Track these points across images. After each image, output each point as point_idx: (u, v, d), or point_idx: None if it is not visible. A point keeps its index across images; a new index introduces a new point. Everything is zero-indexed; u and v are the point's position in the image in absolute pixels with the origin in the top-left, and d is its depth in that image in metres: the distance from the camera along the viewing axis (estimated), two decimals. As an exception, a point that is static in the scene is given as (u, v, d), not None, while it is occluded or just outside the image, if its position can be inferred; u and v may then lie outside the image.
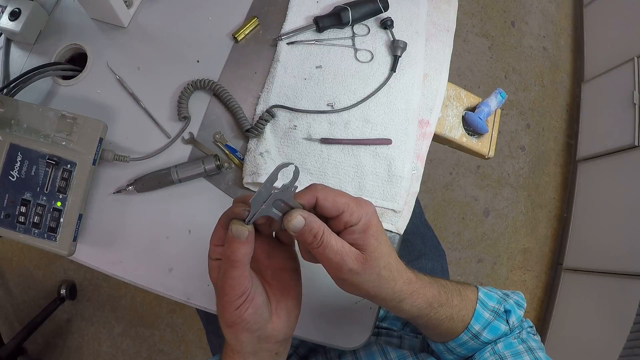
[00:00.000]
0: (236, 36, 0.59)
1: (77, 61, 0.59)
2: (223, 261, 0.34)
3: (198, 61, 0.59)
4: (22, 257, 1.37)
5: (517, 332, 0.48)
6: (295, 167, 0.34)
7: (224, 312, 0.34)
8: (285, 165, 0.33)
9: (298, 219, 0.33)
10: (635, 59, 1.29)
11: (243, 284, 0.33)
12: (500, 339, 0.47)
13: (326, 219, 0.35)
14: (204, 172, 0.53)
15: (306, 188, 0.35)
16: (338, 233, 0.35)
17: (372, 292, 0.36)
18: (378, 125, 0.57)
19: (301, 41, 0.60)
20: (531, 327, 0.50)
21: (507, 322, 0.47)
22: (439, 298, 0.41)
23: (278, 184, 0.34)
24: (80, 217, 0.51)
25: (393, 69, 0.59)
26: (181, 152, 0.56)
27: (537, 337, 0.49)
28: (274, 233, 0.39)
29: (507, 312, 0.47)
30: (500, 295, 0.49)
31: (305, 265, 0.55)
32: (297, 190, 0.35)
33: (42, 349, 1.33)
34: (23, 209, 0.49)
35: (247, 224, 0.33)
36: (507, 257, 1.54)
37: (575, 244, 1.43)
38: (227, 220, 0.35)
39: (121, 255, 0.53)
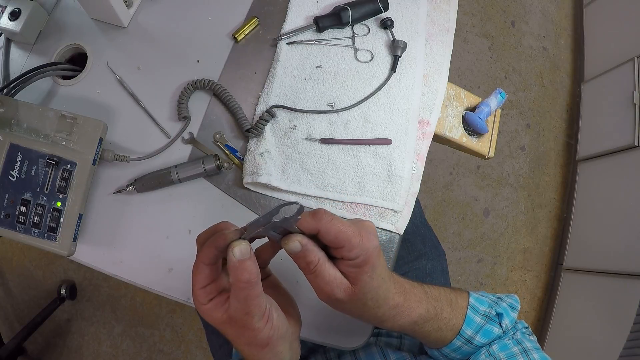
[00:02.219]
0: (236, 36, 0.59)
1: (77, 61, 0.59)
2: (239, 288, 0.32)
3: (198, 61, 0.59)
4: (22, 257, 1.37)
5: (511, 333, 0.48)
6: (300, 206, 0.33)
7: (257, 335, 0.33)
8: (288, 204, 0.33)
9: (295, 244, 0.34)
10: (635, 59, 1.29)
11: (264, 297, 0.33)
12: (495, 341, 0.47)
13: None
14: (204, 172, 0.53)
15: (312, 215, 0.34)
16: (335, 257, 0.36)
17: (354, 315, 0.39)
18: (378, 125, 0.57)
19: (301, 41, 0.60)
20: (526, 327, 0.50)
21: (500, 325, 0.47)
22: (426, 315, 0.42)
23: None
24: (80, 217, 0.51)
25: (393, 69, 0.59)
26: (181, 152, 0.56)
27: (533, 338, 0.49)
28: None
29: (499, 315, 0.47)
30: (492, 299, 0.49)
31: (305, 265, 0.55)
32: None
33: (42, 349, 1.33)
34: (23, 209, 0.49)
35: (240, 240, 0.32)
36: (507, 257, 1.54)
37: (575, 244, 1.43)
38: (211, 255, 0.33)
39: (121, 255, 0.53)
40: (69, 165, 0.50)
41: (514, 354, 0.45)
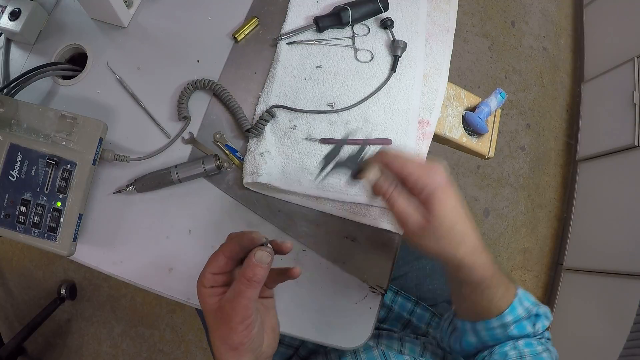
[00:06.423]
0: (236, 36, 0.59)
1: (77, 61, 0.59)
2: (241, 283, 0.35)
3: (198, 61, 0.59)
4: (22, 257, 1.37)
5: (538, 337, 0.49)
6: (361, 146, 0.40)
7: (232, 335, 0.35)
8: (348, 134, 0.40)
9: (372, 176, 0.40)
10: (635, 59, 1.29)
11: (254, 307, 0.35)
12: (522, 337, 0.48)
13: None
14: (204, 172, 0.53)
15: (377, 153, 0.40)
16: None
17: (433, 252, 0.41)
18: (378, 125, 0.57)
19: (301, 41, 0.60)
20: (549, 339, 0.51)
21: (534, 326, 0.48)
22: (490, 283, 0.43)
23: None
24: (80, 217, 0.51)
25: (393, 69, 0.59)
26: (181, 152, 0.56)
27: (554, 349, 0.50)
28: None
29: (537, 316, 0.48)
30: (534, 300, 0.50)
31: (306, 266, 0.55)
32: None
33: (42, 349, 1.33)
34: (23, 209, 0.49)
35: (267, 247, 0.36)
36: (507, 257, 1.54)
37: (575, 244, 1.43)
38: (232, 250, 0.36)
39: (121, 255, 0.53)
40: (69, 165, 0.50)
41: (539, 353, 0.46)
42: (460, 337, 0.52)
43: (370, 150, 0.45)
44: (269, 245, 0.37)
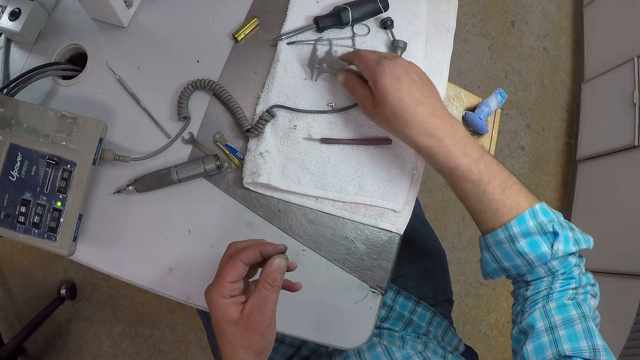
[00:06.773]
0: (236, 36, 0.59)
1: (77, 61, 0.59)
2: (265, 289, 0.37)
3: (198, 61, 0.59)
4: (22, 257, 1.37)
5: (572, 286, 0.44)
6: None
7: (260, 340, 0.37)
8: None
9: (340, 78, 0.54)
10: (635, 59, 1.29)
11: (275, 311, 0.38)
12: (553, 297, 0.43)
13: None
14: (204, 172, 0.53)
15: (344, 54, 0.55)
16: None
17: (388, 130, 0.50)
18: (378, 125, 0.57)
19: (301, 41, 0.60)
20: (592, 285, 0.46)
21: (552, 247, 0.43)
22: (467, 172, 0.44)
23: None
24: (80, 217, 0.51)
25: (393, 69, 0.59)
26: (181, 152, 0.56)
27: (594, 302, 0.45)
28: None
29: (555, 234, 0.43)
30: (562, 222, 0.45)
31: (306, 266, 0.55)
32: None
33: (42, 349, 1.33)
34: (23, 209, 0.49)
35: (284, 255, 0.40)
36: (507, 257, 1.53)
37: (575, 244, 1.42)
38: (252, 257, 0.38)
39: (121, 255, 0.53)
40: (69, 165, 0.50)
41: (572, 319, 0.41)
42: (481, 258, 0.50)
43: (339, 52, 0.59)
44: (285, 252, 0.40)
